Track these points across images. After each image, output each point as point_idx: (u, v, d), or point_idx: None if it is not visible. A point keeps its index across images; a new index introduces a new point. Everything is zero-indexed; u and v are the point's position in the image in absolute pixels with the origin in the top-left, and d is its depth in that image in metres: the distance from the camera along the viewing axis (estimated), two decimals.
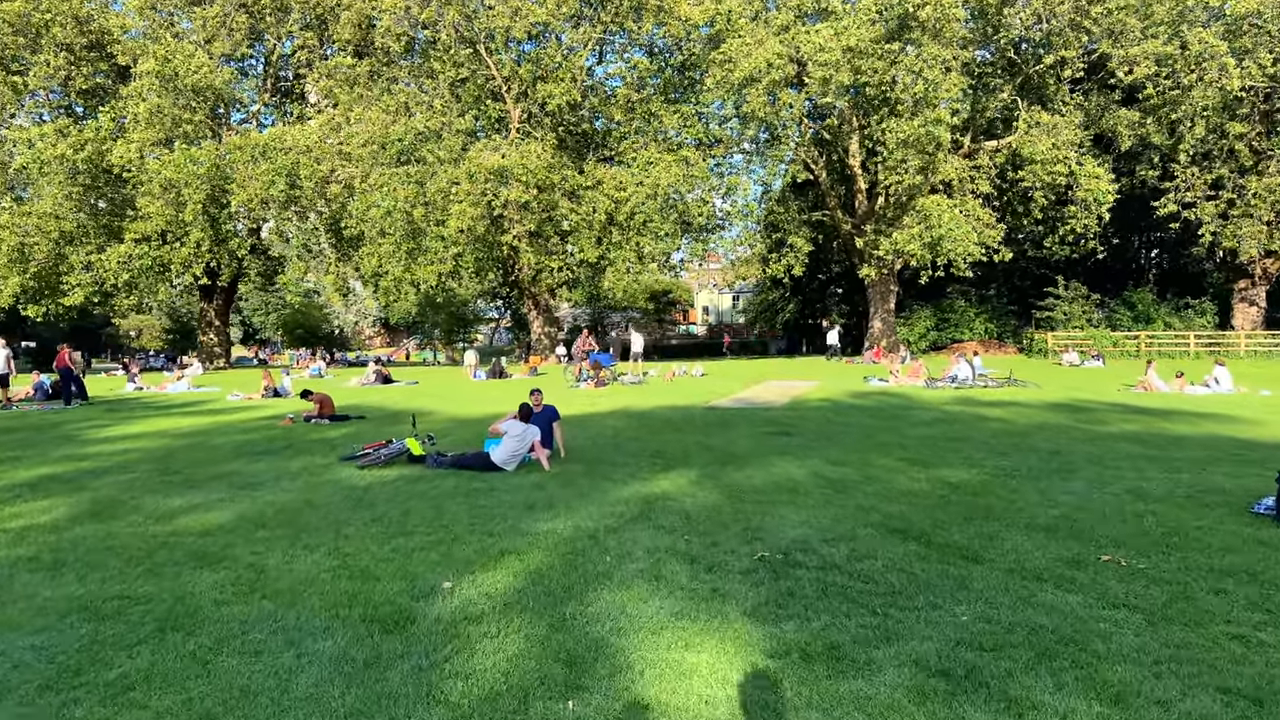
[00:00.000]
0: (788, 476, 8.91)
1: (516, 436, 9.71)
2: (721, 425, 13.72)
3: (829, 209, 38.36)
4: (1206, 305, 38.04)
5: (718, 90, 30.96)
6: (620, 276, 34.28)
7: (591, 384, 23.72)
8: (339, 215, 33.48)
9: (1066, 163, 30.04)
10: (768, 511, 7.25)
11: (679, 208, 32.90)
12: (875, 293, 38.60)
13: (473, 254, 32.10)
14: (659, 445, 11.51)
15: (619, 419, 15.05)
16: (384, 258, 31.53)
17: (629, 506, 7.53)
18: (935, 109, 27.40)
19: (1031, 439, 11.64)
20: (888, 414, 15.10)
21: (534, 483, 8.84)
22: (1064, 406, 16.21)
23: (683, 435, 12.56)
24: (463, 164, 30.28)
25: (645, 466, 9.73)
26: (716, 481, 8.69)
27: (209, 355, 42.96)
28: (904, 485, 8.37)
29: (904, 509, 7.26)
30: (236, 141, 32.50)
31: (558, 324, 43.15)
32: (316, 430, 14.56)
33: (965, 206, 30.95)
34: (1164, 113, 30.88)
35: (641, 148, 32.41)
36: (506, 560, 5.88)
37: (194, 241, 34.95)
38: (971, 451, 10.52)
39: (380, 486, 8.86)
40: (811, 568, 5.65)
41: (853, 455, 10.30)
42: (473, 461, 9.79)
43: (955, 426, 13.11)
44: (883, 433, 12.49)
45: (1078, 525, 6.68)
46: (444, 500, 8.00)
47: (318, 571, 5.74)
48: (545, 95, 31.82)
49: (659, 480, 8.83)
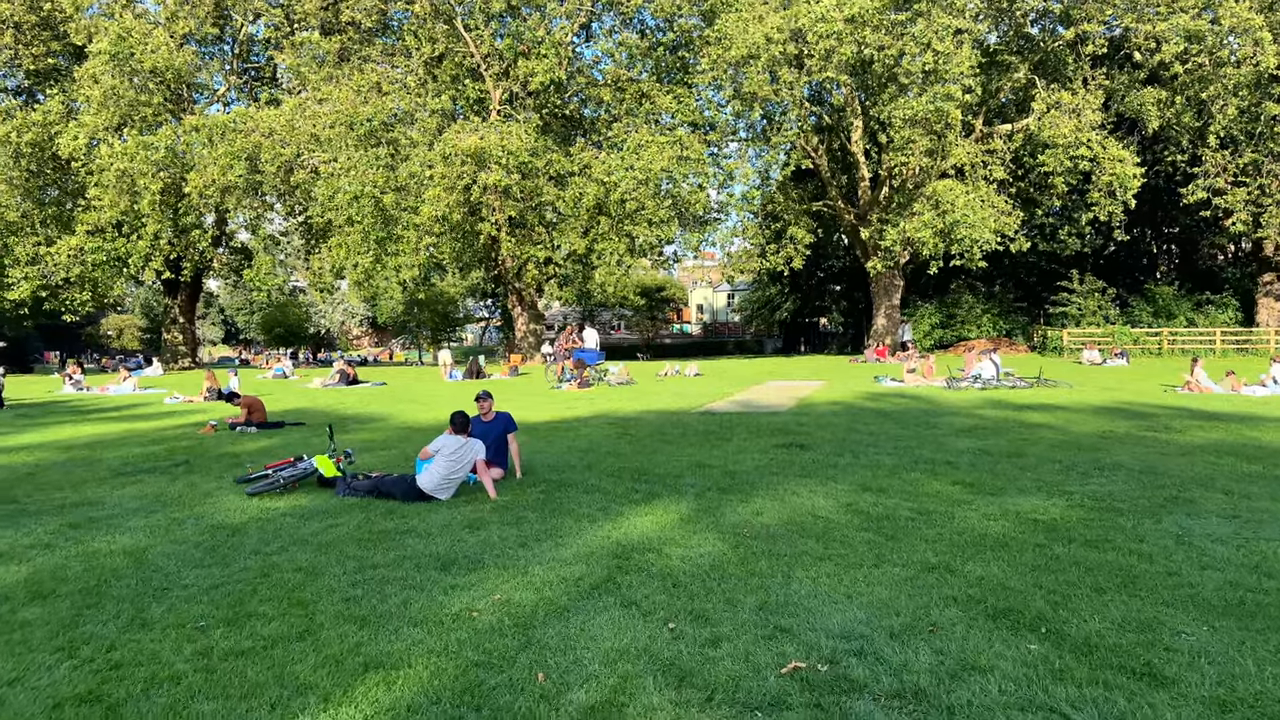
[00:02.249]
0: (812, 511, 6.58)
1: (451, 455, 7.36)
2: (720, 435, 11.40)
3: (830, 199, 36.09)
4: (1229, 300, 35.89)
5: (713, 70, 28.62)
6: (610, 270, 31.89)
7: (574, 384, 21.39)
8: (305, 202, 31.03)
9: (1089, 145, 27.79)
10: (793, 574, 4.92)
11: (673, 192, 30.50)
12: (879, 288, 36.33)
13: (449, 244, 29.64)
14: (642, 462, 9.18)
15: (598, 427, 12.72)
16: (352, 248, 29.05)
17: (591, 564, 5.20)
18: (945, 84, 25.10)
19: (1106, 453, 9.35)
20: (915, 420, 12.80)
21: (468, 520, 6.50)
22: (1116, 411, 13.92)
23: (673, 449, 10.24)
24: (437, 146, 27.87)
25: (622, 495, 7.40)
26: (715, 519, 6.36)
27: (173, 354, 40.46)
28: (976, 525, 6.05)
29: (996, 570, 4.94)
30: (193, 122, 29.98)
31: (544, 321, 40.76)
32: (238, 440, 12.21)
33: (979, 193, 28.69)
34: (1193, 92, 28.66)
35: (632, 130, 29.99)
36: (364, 687, 3.53)
37: (151, 234, 32.42)
38: (1042, 472, 8.21)
39: (257, 526, 6.52)
40: (882, 697, 3.34)
41: (892, 478, 7.98)
42: (394, 488, 7.44)
43: (1004, 437, 10.80)
44: (919, 444, 10.18)
45: (1270, 602, 4.38)
46: (328, 553, 5.64)
47: (35, 711, 3.39)
48: (527, 73, 29.39)
49: (638, 516, 6.50)
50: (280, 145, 29.53)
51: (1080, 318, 35.41)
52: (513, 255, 32.41)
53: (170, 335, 41.07)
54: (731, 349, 61.54)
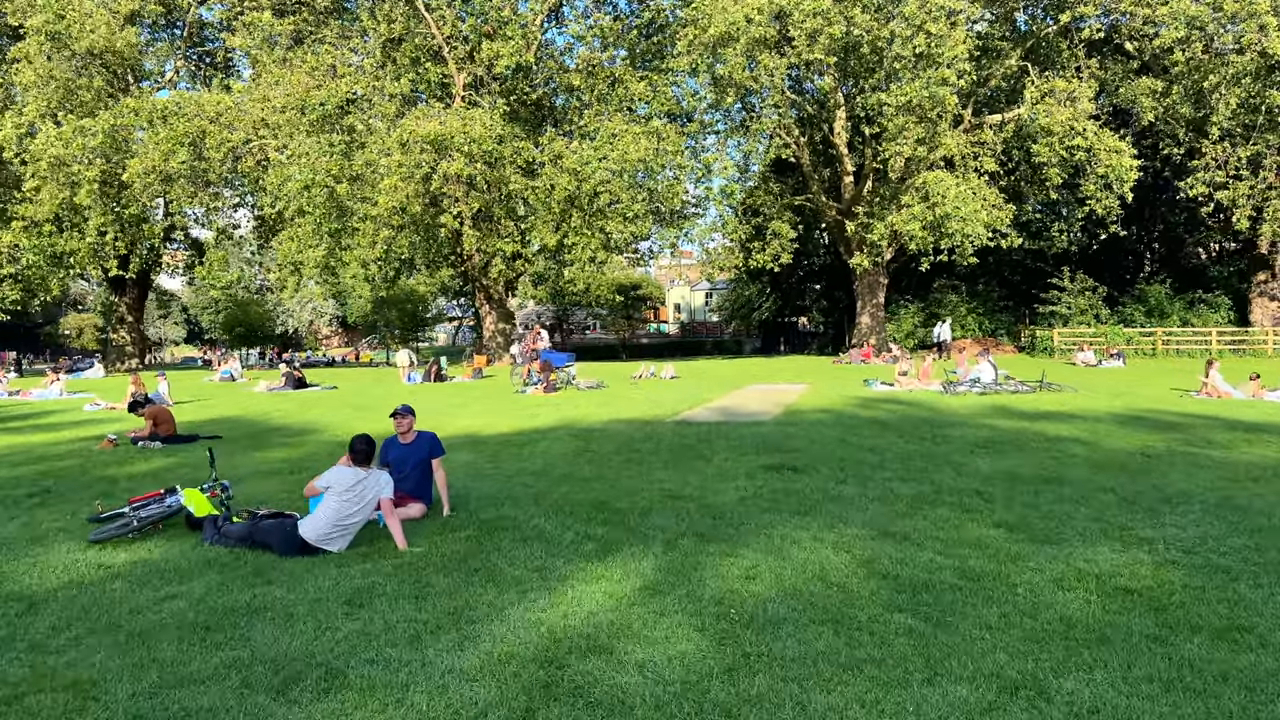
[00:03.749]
0: (821, 572, 4.92)
1: (344, 493, 5.61)
2: (697, 451, 9.73)
3: (812, 194, 34.55)
4: (1220, 300, 34.77)
5: (690, 53, 26.92)
6: (583, 267, 30.08)
7: (540, 388, 19.65)
8: (255, 192, 28.99)
9: (1084, 136, 26.42)
10: (809, 701, 3.25)
11: (649, 185, 28.75)
12: (863, 286, 34.84)
13: (408, 237, 27.72)
14: (603, 491, 7.49)
15: (559, 440, 11.01)
16: (303, 241, 27.05)
17: (506, 684, 3.48)
18: (939, 68, 23.59)
19: (1160, 477, 7.78)
20: (919, 431, 11.21)
21: (353, 589, 4.76)
22: (1139, 420, 12.42)
23: (641, 471, 8.54)
24: (394, 132, 25.97)
25: (571, 544, 5.69)
26: (691, 589, 4.67)
27: (120, 355, 38.20)
28: (1049, 599, 4.42)
29: (1111, 694, 3.28)
30: (131, 104, 27.78)
31: (514, 320, 38.88)
32: (132, 459, 10.39)
33: (970, 185, 27.23)
34: (1192, 82, 27.37)
35: (605, 118, 28.21)
36: None
37: (95, 228, 30.17)
38: (1098, 506, 6.61)
39: (65, 597, 4.74)
40: None
41: (914, 515, 6.34)
42: (271, 537, 5.68)
43: (1028, 455, 9.22)
44: (932, 465, 8.56)
45: None
46: (133, 651, 3.88)
47: None
48: (492, 56, 27.52)
49: (587, 583, 4.80)
50: (227, 130, 27.49)
51: (1070, 317, 34.15)
52: (478, 250, 30.55)
53: (117, 335, 38.78)
54: (710, 349, 59.92)
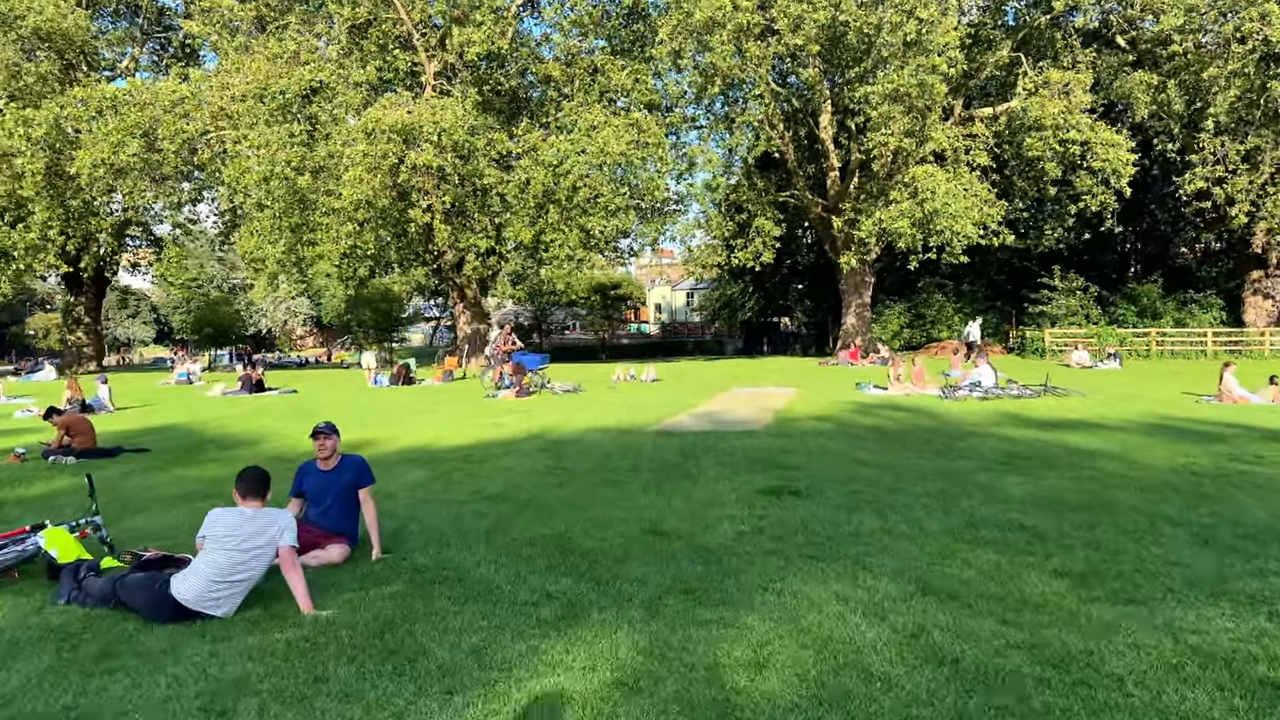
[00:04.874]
0: (853, 653, 3.68)
1: (229, 541, 4.33)
2: (682, 470, 8.48)
3: (797, 190, 33.46)
4: (1213, 299, 34.01)
5: (673, 39, 25.71)
6: (560, 264, 28.73)
7: (512, 393, 18.35)
8: (213, 185, 27.45)
9: (1079, 129, 25.48)
10: None
11: (629, 179, 27.45)
12: (850, 285, 33.80)
13: (374, 232, 26.26)
14: (571, 524, 6.23)
15: (525, 455, 9.74)
16: (262, 236, 25.54)
17: None
18: (930, 55, 22.50)
19: (1226, 504, 6.63)
20: (929, 444, 10.04)
21: (218, 686, 3.48)
22: (1165, 429, 11.33)
23: (617, 496, 7.29)
24: (358, 121, 24.54)
25: (523, 607, 4.42)
26: (681, 684, 3.40)
27: (76, 357, 36.41)
28: (1168, 694, 3.22)
29: None
30: (79, 93, 26.14)
31: (489, 320, 37.43)
32: (38, 477, 9.03)
33: (961, 180, 26.22)
34: (1190, 74, 26.50)
35: (583, 107, 26.88)
36: None
37: (40, 222, 28.46)
38: (1171, 545, 5.42)
39: None
40: None
41: (953, 561, 5.12)
42: (137, 597, 4.38)
43: (1060, 474, 8.06)
44: (955, 487, 7.37)
45: None
46: None
47: None
48: (463, 42, 26.13)
49: (539, 676, 3.52)
50: (183, 120, 25.93)
51: (1061, 317, 33.26)
52: (451, 246, 29.16)
53: (74, 336, 36.93)
54: (691, 349, 58.79)
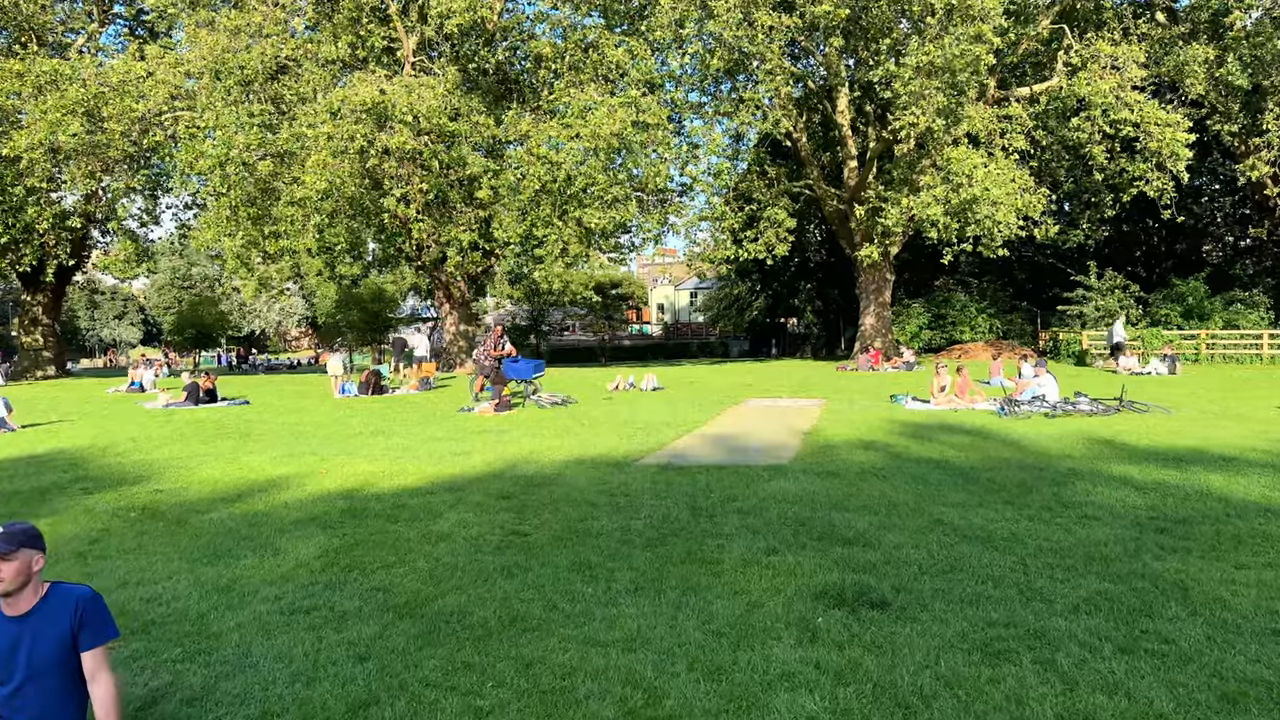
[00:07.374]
0: None
1: None
2: (694, 542, 5.76)
3: (810, 180, 30.77)
4: (1259, 298, 31.36)
5: (676, 7, 23.03)
6: (554, 261, 26.09)
7: (490, 406, 15.65)
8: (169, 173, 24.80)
9: (1131, 109, 22.77)
10: None
11: (628, 165, 24.77)
12: (868, 282, 31.06)
13: (343, 223, 23.61)
14: (504, 686, 3.53)
15: (476, 508, 7.03)
16: (219, 228, 22.90)
17: None
18: (974, 22, 19.79)
19: None
20: (1030, 491, 7.33)
21: None
22: None
23: (592, 600, 4.56)
24: (324, 100, 21.90)
25: None
26: None
27: (34, 361, 33.80)
28: None
29: None
30: (14, 67, 23.52)
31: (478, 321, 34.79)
32: None
33: (999, 165, 23.51)
34: (1247, 47, 23.80)
35: (576, 86, 24.20)
36: None
37: None
38: None
39: None
40: None
41: None
42: None
43: (1254, 552, 5.37)
44: (1130, 593, 4.63)
45: None
46: None
47: None
48: (442, 13, 23.46)
49: None
50: (133, 99, 23.30)
51: (1098, 319, 30.54)
52: (432, 240, 26.48)
53: (30, 338, 34.30)
54: (695, 351, 56.15)
